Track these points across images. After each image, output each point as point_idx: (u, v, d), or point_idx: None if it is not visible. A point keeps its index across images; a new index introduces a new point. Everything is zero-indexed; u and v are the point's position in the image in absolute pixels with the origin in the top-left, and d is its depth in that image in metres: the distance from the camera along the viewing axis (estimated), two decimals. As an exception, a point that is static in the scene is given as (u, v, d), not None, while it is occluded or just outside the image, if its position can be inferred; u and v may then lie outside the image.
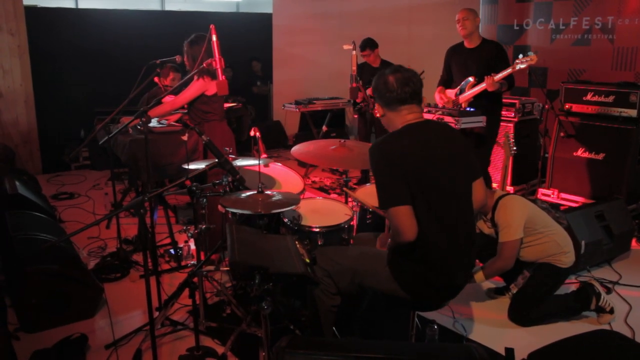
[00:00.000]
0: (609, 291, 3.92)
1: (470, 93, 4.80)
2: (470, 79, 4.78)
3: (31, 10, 7.15)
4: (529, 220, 3.45)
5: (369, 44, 6.49)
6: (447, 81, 5.18)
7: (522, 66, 4.44)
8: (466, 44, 4.93)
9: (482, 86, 4.67)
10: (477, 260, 3.86)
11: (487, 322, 3.59)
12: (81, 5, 10.04)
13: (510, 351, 2.95)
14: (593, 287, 3.54)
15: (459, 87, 4.93)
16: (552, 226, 3.56)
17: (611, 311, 3.51)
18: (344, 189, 3.95)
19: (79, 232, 2.60)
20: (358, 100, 6.08)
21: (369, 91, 6.05)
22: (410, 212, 2.48)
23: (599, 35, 6.75)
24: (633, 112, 5.05)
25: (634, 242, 4.72)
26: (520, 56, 4.45)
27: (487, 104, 4.80)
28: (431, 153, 2.57)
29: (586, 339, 2.52)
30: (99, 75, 7.61)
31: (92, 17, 7.73)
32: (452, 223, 2.59)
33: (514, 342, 3.27)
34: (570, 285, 3.96)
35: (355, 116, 6.60)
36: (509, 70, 4.52)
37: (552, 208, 4.00)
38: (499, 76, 4.57)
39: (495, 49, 4.81)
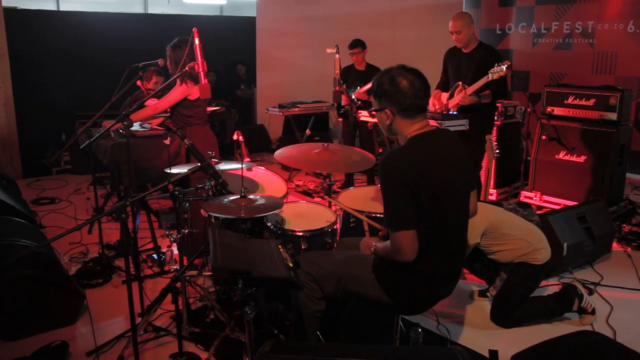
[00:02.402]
0: (590, 292, 3.95)
1: (454, 100, 4.81)
2: (459, 83, 4.77)
3: (11, 12, 7.07)
4: (491, 227, 3.46)
5: (360, 43, 6.44)
6: (444, 84, 5.13)
7: (494, 77, 4.45)
8: (463, 49, 4.88)
9: (456, 100, 4.69)
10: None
11: (471, 325, 3.60)
12: (63, 8, 9.95)
13: (494, 353, 2.96)
14: (576, 288, 3.57)
15: (450, 91, 4.93)
16: (520, 226, 3.58)
17: (593, 312, 3.54)
18: (325, 197, 3.93)
19: (60, 237, 2.57)
20: (344, 103, 6.05)
21: (354, 94, 6.05)
22: (415, 236, 2.43)
23: (580, 40, 6.84)
24: (613, 115, 5.11)
25: (614, 244, 4.76)
26: (496, 64, 4.47)
27: (476, 115, 4.80)
28: (440, 169, 2.48)
29: (569, 340, 2.53)
30: (81, 79, 7.54)
31: (74, 19, 7.66)
32: (450, 238, 2.56)
33: (498, 344, 3.28)
34: (553, 287, 3.99)
35: (340, 119, 6.58)
36: (482, 80, 4.53)
37: (521, 206, 4.01)
38: (471, 88, 4.58)
39: (488, 54, 4.72)
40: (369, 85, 6.05)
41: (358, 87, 6.09)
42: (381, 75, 2.55)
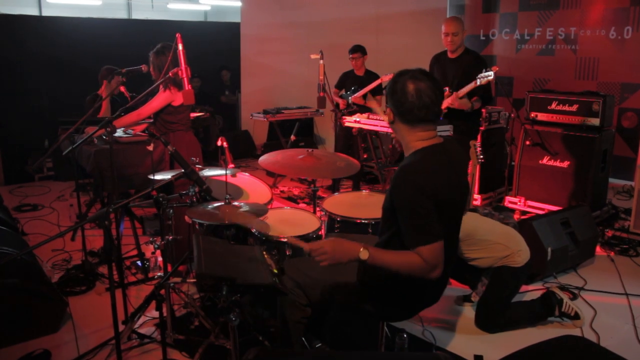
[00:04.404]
0: (574, 297, 3.97)
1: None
2: (446, 89, 4.78)
3: (-8, 17, 7.02)
4: (465, 235, 3.46)
5: (360, 48, 6.42)
6: None
7: (482, 82, 4.47)
8: (449, 54, 4.87)
9: (446, 104, 4.70)
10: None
11: (456, 330, 3.60)
12: (45, 13, 9.88)
13: (479, 358, 2.97)
14: (554, 294, 3.59)
15: None
16: (495, 231, 3.59)
17: (576, 315, 3.55)
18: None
19: (43, 245, 2.54)
20: (342, 108, 6.04)
21: (351, 98, 6.04)
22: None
23: (563, 46, 6.90)
24: (596, 121, 5.15)
25: (598, 248, 4.80)
26: (484, 71, 4.49)
27: (462, 122, 4.82)
28: (448, 185, 2.41)
29: (553, 345, 2.54)
30: (64, 84, 7.47)
31: (57, 25, 7.62)
32: (451, 251, 2.54)
33: (483, 349, 3.29)
34: (537, 292, 4.00)
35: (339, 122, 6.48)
36: (470, 86, 4.55)
37: (497, 210, 4.02)
38: (462, 91, 4.59)
39: (473, 60, 4.74)
40: (365, 90, 6.05)
41: (354, 92, 6.09)
42: (396, 74, 2.43)
